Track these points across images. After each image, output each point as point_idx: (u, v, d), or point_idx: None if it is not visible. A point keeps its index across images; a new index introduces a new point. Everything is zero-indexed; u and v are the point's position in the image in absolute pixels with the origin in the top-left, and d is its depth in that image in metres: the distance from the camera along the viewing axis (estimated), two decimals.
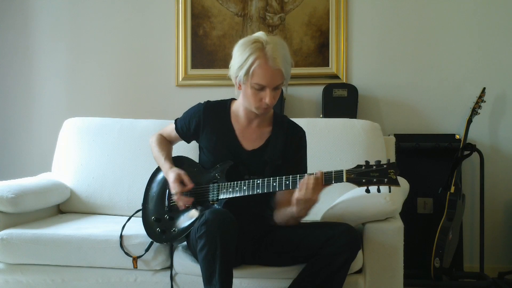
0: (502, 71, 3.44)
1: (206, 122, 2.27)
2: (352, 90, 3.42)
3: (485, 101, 3.29)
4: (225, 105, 2.31)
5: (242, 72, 2.09)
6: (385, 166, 1.92)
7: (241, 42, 2.14)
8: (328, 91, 3.42)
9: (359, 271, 2.24)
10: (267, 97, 2.09)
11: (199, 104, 2.33)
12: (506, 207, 3.44)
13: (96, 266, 2.39)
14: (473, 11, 3.46)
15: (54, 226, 2.56)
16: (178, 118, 2.40)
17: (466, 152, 3.17)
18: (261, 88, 2.09)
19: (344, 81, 3.52)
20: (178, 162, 2.35)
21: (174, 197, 2.23)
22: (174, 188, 2.21)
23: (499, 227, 3.44)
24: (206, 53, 3.62)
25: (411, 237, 2.55)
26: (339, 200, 2.40)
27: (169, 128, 2.43)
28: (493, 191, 3.40)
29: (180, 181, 2.21)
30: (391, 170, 1.91)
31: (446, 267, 3.11)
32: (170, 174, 2.24)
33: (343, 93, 3.41)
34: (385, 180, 1.90)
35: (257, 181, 2.09)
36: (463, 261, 3.31)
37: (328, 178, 1.99)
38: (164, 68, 3.66)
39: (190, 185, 2.21)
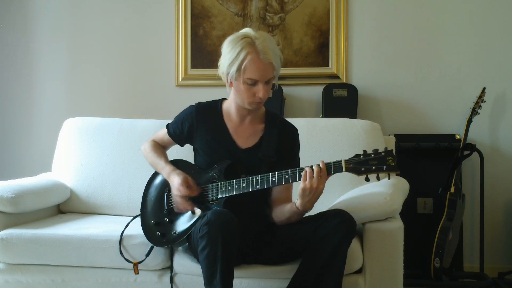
0: (502, 71, 3.44)
1: (199, 124, 2.27)
2: (352, 90, 3.42)
3: (485, 101, 3.29)
4: (216, 105, 2.31)
5: (233, 69, 2.10)
6: (383, 153, 1.93)
7: (229, 39, 2.16)
8: (328, 91, 3.42)
9: (359, 271, 2.24)
10: (260, 91, 2.10)
11: (191, 106, 2.33)
12: (506, 207, 3.44)
13: (96, 266, 2.39)
14: (473, 11, 3.46)
15: (54, 226, 2.56)
16: (169, 123, 2.40)
17: (466, 152, 3.17)
18: (254, 83, 2.10)
19: (344, 81, 3.52)
20: (175, 165, 2.33)
21: (177, 199, 2.20)
22: (180, 191, 2.18)
23: (499, 227, 3.44)
24: (206, 53, 3.62)
25: (411, 237, 2.55)
26: (339, 200, 2.40)
27: (161, 133, 2.43)
28: (493, 191, 3.40)
29: (187, 185, 2.19)
30: (389, 157, 1.92)
31: (446, 267, 3.11)
32: (175, 176, 2.21)
33: (343, 93, 3.41)
34: (384, 167, 1.91)
35: (256, 177, 2.09)
36: (463, 261, 3.31)
37: (328, 168, 1.99)
38: (164, 68, 3.66)
39: (196, 190, 2.20)
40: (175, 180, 2.21)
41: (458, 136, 3.31)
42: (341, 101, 3.40)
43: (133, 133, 2.97)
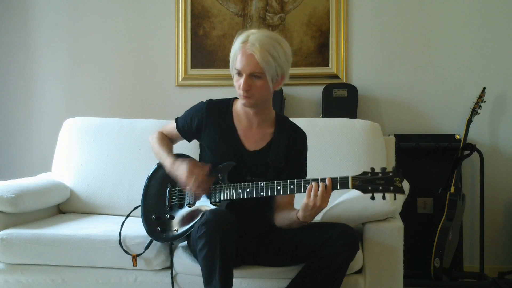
0: (502, 71, 3.44)
1: (209, 121, 2.26)
2: (352, 90, 3.42)
3: (485, 101, 3.29)
4: (227, 104, 2.30)
5: (231, 60, 2.16)
6: (391, 174, 1.92)
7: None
8: (328, 91, 3.42)
9: (359, 271, 2.24)
10: (242, 84, 2.10)
11: (202, 102, 2.32)
12: (506, 207, 3.44)
13: (96, 266, 2.39)
14: (473, 11, 3.46)
15: (54, 226, 2.56)
16: (178, 116, 2.40)
17: (466, 152, 3.17)
18: (239, 74, 2.12)
19: (344, 81, 3.52)
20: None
21: (195, 184, 2.12)
22: (194, 172, 2.12)
23: (499, 227, 3.44)
24: (206, 53, 3.62)
25: (411, 237, 2.55)
26: (339, 200, 2.40)
27: (170, 126, 2.42)
28: (493, 191, 3.40)
29: (196, 166, 2.16)
30: (397, 178, 1.91)
31: (446, 267, 3.11)
32: (180, 165, 2.18)
33: (343, 93, 3.41)
34: (391, 188, 1.91)
35: (260, 184, 2.08)
36: (463, 261, 3.31)
37: (334, 184, 1.99)
38: (164, 68, 3.66)
39: (207, 167, 2.15)
40: (181, 169, 2.17)
41: (458, 136, 3.31)
42: (341, 101, 3.40)
43: (133, 133, 2.97)
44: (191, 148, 2.50)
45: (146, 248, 2.31)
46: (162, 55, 3.67)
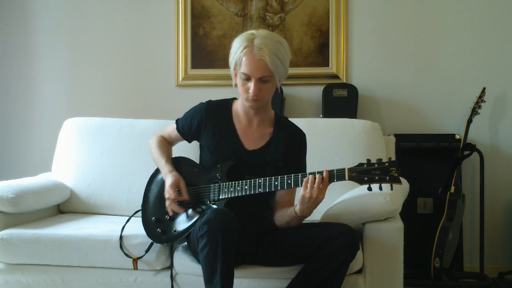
0: (502, 71, 3.44)
1: (208, 122, 2.27)
2: (352, 90, 3.42)
3: (485, 101, 3.29)
4: (226, 104, 2.31)
5: (233, 63, 2.14)
6: (386, 164, 1.94)
7: (238, 36, 2.18)
8: (328, 91, 3.43)
9: (359, 271, 2.24)
10: (251, 88, 2.10)
11: (201, 103, 2.33)
12: (506, 207, 3.44)
13: (96, 266, 2.39)
14: (473, 11, 3.46)
15: (54, 226, 2.56)
16: (179, 118, 2.40)
17: (466, 152, 3.17)
18: (247, 78, 2.11)
19: (344, 81, 3.52)
20: (178, 162, 2.34)
21: (166, 202, 2.22)
22: (169, 193, 2.20)
23: (499, 227, 3.44)
24: (206, 53, 3.62)
25: (411, 237, 2.55)
26: (339, 200, 2.40)
27: (170, 128, 2.43)
28: (493, 191, 3.40)
29: (177, 189, 2.21)
30: (393, 168, 1.93)
31: (446, 267, 3.11)
32: (169, 178, 2.23)
33: (343, 93, 3.41)
34: (387, 178, 1.92)
35: (258, 180, 2.09)
36: (463, 261, 3.31)
37: (331, 176, 2.00)
38: (164, 68, 3.66)
39: (185, 196, 2.20)
40: (167, 181, 2.23)
41: (458, 136, 3.31)
42: (341, 101, 3.40)
43: (133, 133, 2.97)
44: (191, 148, 2.50)
45: (147, 250, 2.31)
46: (162, 55, 3.67)
